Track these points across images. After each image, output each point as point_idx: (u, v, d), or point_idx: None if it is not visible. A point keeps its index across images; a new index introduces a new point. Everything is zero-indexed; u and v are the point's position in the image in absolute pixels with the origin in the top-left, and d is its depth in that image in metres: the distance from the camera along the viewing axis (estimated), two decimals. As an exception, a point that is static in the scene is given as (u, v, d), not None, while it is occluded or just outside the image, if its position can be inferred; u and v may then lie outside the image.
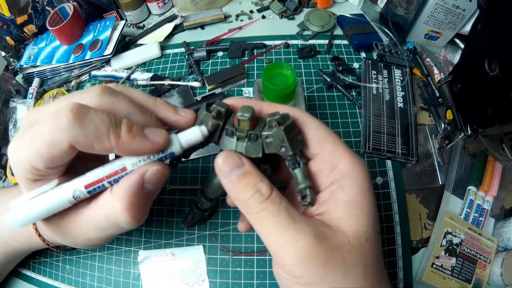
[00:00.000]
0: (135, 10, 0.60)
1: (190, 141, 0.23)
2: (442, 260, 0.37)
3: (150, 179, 0.21)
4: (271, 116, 0.21)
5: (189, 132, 0.23)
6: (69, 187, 0.21)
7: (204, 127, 0.23)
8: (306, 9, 0.59)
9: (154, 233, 0.39)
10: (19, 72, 0.56)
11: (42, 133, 0.19)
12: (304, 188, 0.22)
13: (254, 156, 0.22)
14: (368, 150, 0.42)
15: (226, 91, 0.49)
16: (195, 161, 0.43)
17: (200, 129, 0.22)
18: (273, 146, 0.21)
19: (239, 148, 0.22)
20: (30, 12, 0.56)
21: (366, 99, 0.46)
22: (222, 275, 0.37)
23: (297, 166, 0.22)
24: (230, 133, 0.22)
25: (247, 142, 0.22)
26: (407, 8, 0.48)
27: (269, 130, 0.21)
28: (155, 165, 0.21)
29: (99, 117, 0.19)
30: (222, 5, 0.61)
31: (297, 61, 0.51)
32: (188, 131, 0.23)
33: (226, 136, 0.23)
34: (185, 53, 0.53)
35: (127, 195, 0.21)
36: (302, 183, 0.22)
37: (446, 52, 0.51)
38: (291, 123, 0.21)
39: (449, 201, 0.40)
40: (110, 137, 0.19)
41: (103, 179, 0.21)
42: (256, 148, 0.22)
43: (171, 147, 0.22)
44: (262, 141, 0.22)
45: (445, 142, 0.43)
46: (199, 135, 0.22)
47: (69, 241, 0.24)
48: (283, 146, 0.21)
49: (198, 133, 0.22)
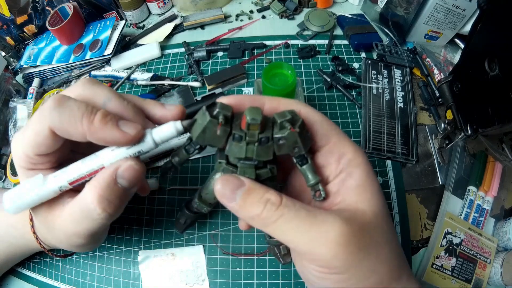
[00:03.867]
0: (135, 10, 0.60)
1: (164, 137, 0.22)
2: (442, 260, 0.37)
3: (123, 174, 0.22)
4: (281, 117, 0.20)
5: (163, 127, 0.22)
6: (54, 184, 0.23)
7: (179, 122, 0.22)
8: (306, 9, 0.59)
9: (154, 233, 0.39)
10: (19, 72, 0.56)
11: (31, 123, 0.22)
12: (316, 183, 0.22)
13: (265, 159, 0.21)
14: (368, 150, 0.42)
15: (226, 91, 0.49)
16: (195, 161, 0.43)
17: (175, 124, 0.22)
18: (286, 147, 0.21)
19: (249, 153, 0.21)
20: (30, 12, 0.56)
21: (366, 99, 0.46)
22: (222, 275, 0.37)
23: (305, 162, 0.22)
24: (238, 138, 0.21)
25: (257, 146, 0.21)
26: (407, 8, 0.48)
27: (282, 132, 0.20)
28: (129, 161, 0.22)
29: (76, 104, 0.21)
30: (222, 5, 0.61)
31: (297, 61, 0.51)
32: (161, 126, 0.22)
33: (233, 142, 0.21)
34: (185, 53, 0.53)
35: (99, 186, 0.22)
36: (312, 179, 0.22)
37: (446, 52, 0.51)
38: (302, 123, 0.21)
39: (449, 201, 0.40)
40: (83, 122, 0.21)
41: (85, 177, 0.23)
42: (267, 151, 0.21)
43: (143, 141, 0.22)
44: (274, 143, 0.21)
45: (445, 142, 0.43)
46: (173, 131, 0.22)
47: (52, 236, 0.25)
48: (297, 147, 0.21)
49: (172, 129, 0.22)
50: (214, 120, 0.20)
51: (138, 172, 0.22)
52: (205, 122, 0.20)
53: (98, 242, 0.29)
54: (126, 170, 0.22)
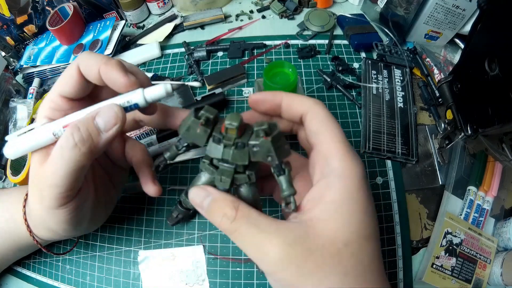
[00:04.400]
0: (135, 10, 0.60)
1: (154, 96, 0.24)
2: (442, 260, 0.37)
3: (102, 113, 0.23)
4: (259, 126, 0.22)
5: (155, 87, 0.24)
6: (49, 127, 0.25)
7: (169, 85, 0.24)
8: (306, 9, 0.59)
9: (154, 233, 0.39)
10: (19, 72, 0.56)
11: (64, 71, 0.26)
12: (288, 195, 0.22)
13: (240, 163, 0.23)
14: (368, 150, 0.42)
15: (226, 91, 0.49)
16: (195, 161, 0.43)
17: (165, 86, 0.24)
18: (260, 155, 0.22)
19: (225, 155, 0.23)
20: (30, 12, 0.56)
21: (366, 99, 0.46)
22: (222, 275, 0.37)
23: (282, 173, 0.22)
24: (217, 140, 0.23)
25: (233, 149, 0.22)
26: (407, 8, 0.48)
27: (256, 140, 0.22)
28: (114, 106, 0.24)
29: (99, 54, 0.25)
30: (222, 5, 0.61)
31: (297, 61, 0.51)
32: (153, 87, 0.24)
33: (213, 143, 0.23)
34: (185, 53, 0.53)
35: (78, 120, 0.23)
36: (286, 190, 0.22)
37: (446, 52, 0.51)
38: (278, 134, 0.22)
39: (449, 201, 0.40)
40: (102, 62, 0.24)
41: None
42: (242, 155, 0.22)
43: (135, 95, 0.24)
44: (249, 149, 0.22)
45: (445, 142, 0.43)
46: (163, 91, 0.24)
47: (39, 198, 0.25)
48: (270, 156, 0.22)
49: (161, 90, 0.24)
50: (196, 120, 0.23)
51: (116, 116, 0.23)
52: (190, 122, 0.23)
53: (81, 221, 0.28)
54: (104, 110, 0.23)
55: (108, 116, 0.23)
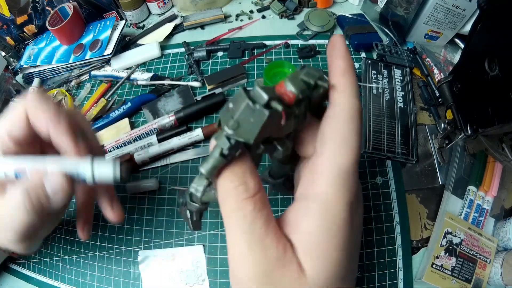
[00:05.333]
0: (135, 10, 0.60)
1: (102, 179, 0.24)
2: (442, 260, 0.37)
3: (50, 181, 0.23)
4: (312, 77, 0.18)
5: (104, 169, 0.24)
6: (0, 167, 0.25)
7: (118, 171, 0.24)
8: (306, 9, 0.59)
9: (154, 233, 0.39)
10: (19, 72, 0.56)
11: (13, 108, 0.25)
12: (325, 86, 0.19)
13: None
14: (368, 150, 0.42)
15: (226, 91, 0.49)
16: (195, 161, 0.43)
17: (114, 172, 0.24)
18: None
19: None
20: (30, 12, 0.56)
21: (366, 99, 0.46)
22: (222, 275, 0.37)
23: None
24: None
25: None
26: (407, 8, 0.48)
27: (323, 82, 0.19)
28: (63, 176, 0.24)
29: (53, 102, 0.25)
30: (222, 5, 0.61)
31: (297, 61, 0.51)
32: (103, 167, 0.24)
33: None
34: (185, 53, 0.53)
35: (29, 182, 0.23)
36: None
37: (446, 52, 0.51)
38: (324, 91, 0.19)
39: (449, 201, 0.40)
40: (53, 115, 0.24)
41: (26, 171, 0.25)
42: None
43: (80, 168, 0.24)
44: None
45: (445, 142, 0.43)
46: (111, 178, 0.24)
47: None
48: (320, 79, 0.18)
49: (110, 176, 0.24)
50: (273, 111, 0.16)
51: (63, 189, 0.24)
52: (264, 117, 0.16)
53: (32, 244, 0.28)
54: (53, 179, 0.23)
55: (56, 185, 0.24)
